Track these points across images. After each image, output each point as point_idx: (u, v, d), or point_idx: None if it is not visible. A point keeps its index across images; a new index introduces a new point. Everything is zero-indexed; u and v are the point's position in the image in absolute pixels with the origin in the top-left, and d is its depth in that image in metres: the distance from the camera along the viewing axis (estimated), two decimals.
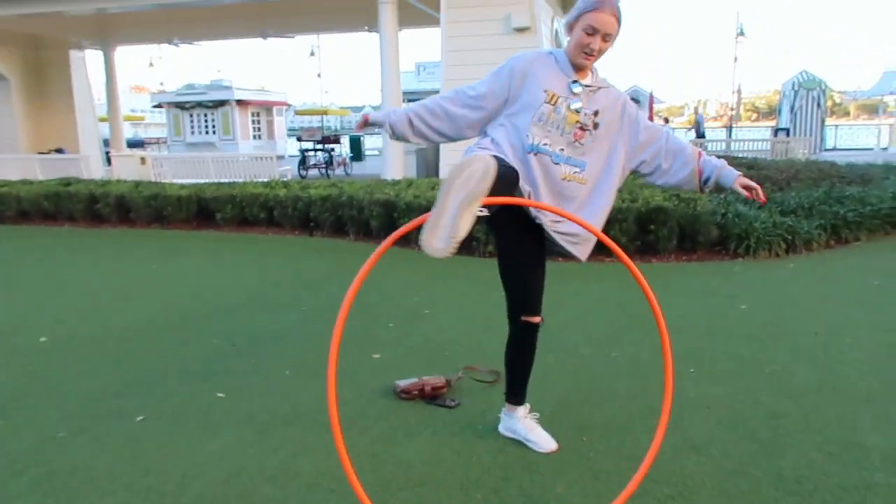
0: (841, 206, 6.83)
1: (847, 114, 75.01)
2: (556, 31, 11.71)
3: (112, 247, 7.62)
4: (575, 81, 2.33)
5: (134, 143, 24.94)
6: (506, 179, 2.10)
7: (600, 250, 6.42)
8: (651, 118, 24.85)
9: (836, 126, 27.89)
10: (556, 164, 2.34)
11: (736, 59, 24.30)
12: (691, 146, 2.50)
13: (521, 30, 9.65)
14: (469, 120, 2.46)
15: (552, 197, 2.37)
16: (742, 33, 24.20)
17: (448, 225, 1.89)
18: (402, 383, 3.12)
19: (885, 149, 21.97)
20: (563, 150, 2.33)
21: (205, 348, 3.88)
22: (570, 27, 2.32)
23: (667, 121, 24.44)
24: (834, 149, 22.92)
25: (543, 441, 2.62)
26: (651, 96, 25.48)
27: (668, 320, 4.24)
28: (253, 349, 3.85)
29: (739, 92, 25.97)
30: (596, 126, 2.35)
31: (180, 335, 4.15)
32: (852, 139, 26.02)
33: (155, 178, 11.95)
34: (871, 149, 22.88)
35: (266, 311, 4.69)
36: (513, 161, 2.29)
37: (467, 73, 9.80)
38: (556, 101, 2.30)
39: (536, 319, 2.51)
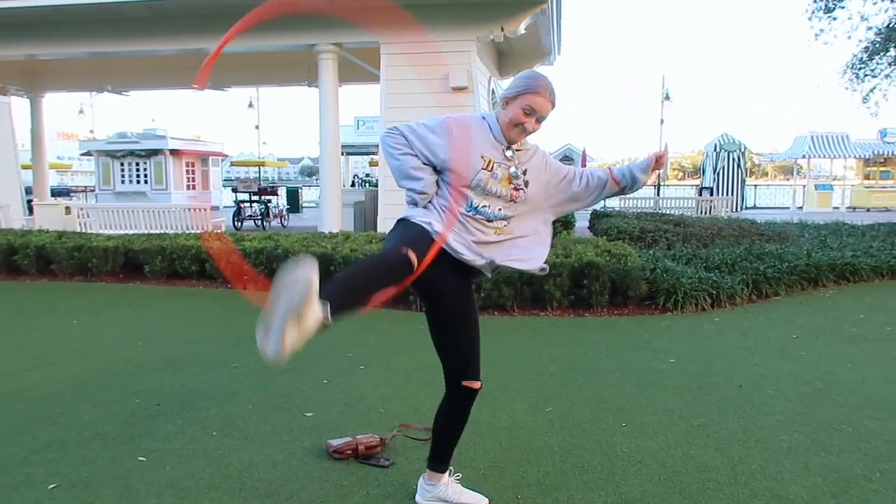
0: (761, 262, 7.18)
1: (765, 174, 79.56)
2: (493, 91, 12.08)
3: (30, 301, 7.24)
4: (508, 147, 2.40)
5: (59, 192, 24.05)
6: (424, 237, 2.20)
7: (535, 303, 6.48)
8: None
9: (756, 186, 29.49)
10: (491, 221, 2.38)
11: (662, 120, 25.53)
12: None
13: (459, 89, 9.91)
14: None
15: (489, 250, 2.39)
16: (668, 97, 25.51)
17: (275, 332, 1.81)
18: (335, 443, 3.04)
19: (800, 208, 23.35)
20: (500, 209, 2.39)
21: (126, 409, 3.69)
22: (507, 101, 2.37)
23: None
24: (754, 207, 24.20)
25: (476, 501, 2.58)
26: (584, 154, 26.43)
27: (601, 374, 4.32)
28: (178, 409, 3.68)
29: (666, 151, 27.13)
30: (527, 184, 2.43)
31: (100, 395, 3.94)
32: (771, 198, 27.54)
33: (80, 228, 11.51)
34: (787, 208, 24.27)
35: (194, 369, 4.52)
36: (445, 223, 2.30)
37: None
38: (492, 167, 2.34)
39: (477, 385, 2.45)
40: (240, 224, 15.67)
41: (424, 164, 2.32)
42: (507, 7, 9.86)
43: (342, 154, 19.47)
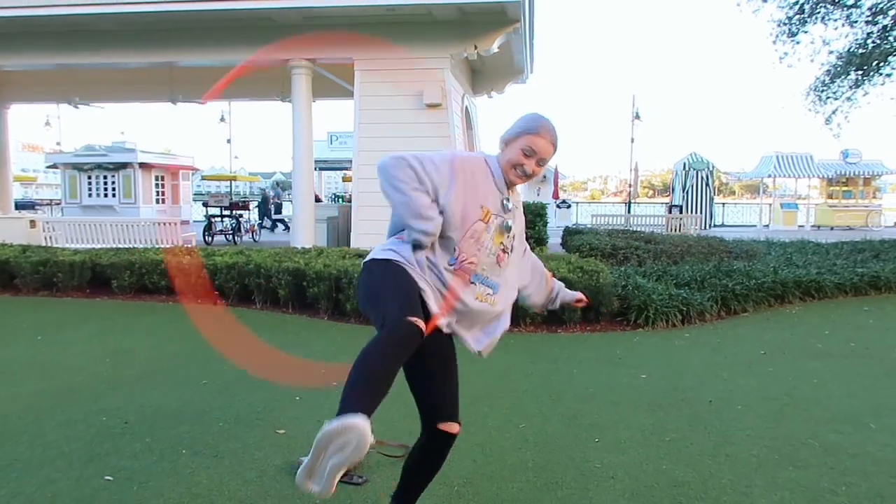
0: (729, 279, 7.30)
1: (733, 193, 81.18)
2: (466, 109, 12.18)
3: None
4: (507, 199, 2.23)
5: (24, 205, 23.54)
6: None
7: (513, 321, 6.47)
8: (556, 193, 25.98)
9: (724, 204, 30.05)
10: (473, 283, 2.19)
11: (633, 139, 25.95)
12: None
13: (432, 106, 9.98)
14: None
15: (458, 316, 2.22)
16: (638, 116, 25.95)
17: (322, 482, 1.77)
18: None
19: (766, 226, 23.85)
20: (483, 270, 2.20)
21: (92, 427, 3.61)
22: (506, 143, 2.22)
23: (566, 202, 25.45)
24: (722, 225, 24.65)
25: None
26: (556, 172, 26.71)
27: (574, 390, 4.34)
28: (146, 427, 3.61)
29: (636, 170, 27.63)
30: (512, 249, 2.28)
31: (65, 413, 3.85)
32: (738, 216, 28.07)
33: (46, 242, 11.28)
34: (754, 226, 24.76)
35: (162, 386, 4.43)
36: (420, 273, 2.13)
37: (380, 144, 10.02)
38: (489, 220, 2.17)
39: (455, 429, 2.28)
40: (210, 239, 15.49)
41: (433, 202, 2.11)
42: (481, 25, 9.98)
43: (315, 169, 19.42)
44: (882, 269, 8.50)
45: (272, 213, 21.38)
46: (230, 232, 16.16)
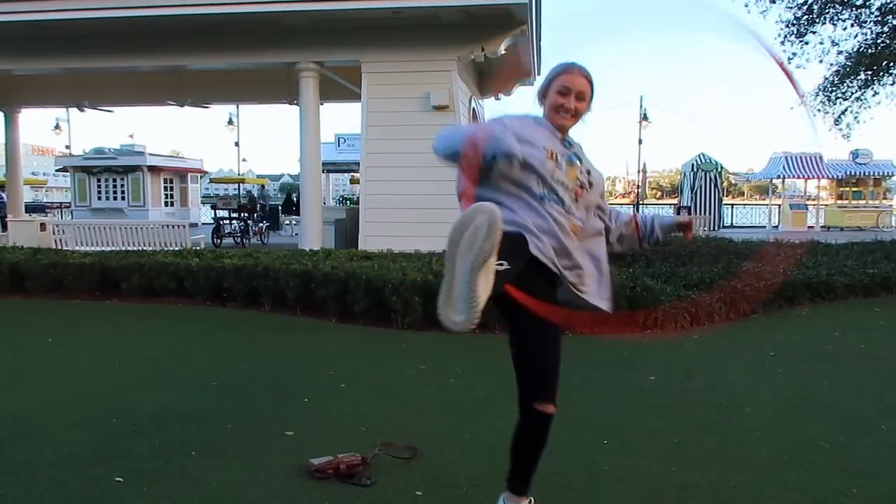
0: (739, 280, 7.27)
1: (742, 193, 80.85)
2: (474, 110, 12.18)
3: (2, 319, 7.11)
4: (564, 139, 2.31)
5: (34, 208, 23.71)
6: (512, 241, 1.91)
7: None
8: None
9: (733, 205, 29.93)
10: (568, 213, 2.22)
11: (641, 140, 25.90)
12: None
13: (440, 108, 9.98)
14: None
15: (564, 254, 2.19)
16: (646, 117, 25.89)
17: (463, 294, 1.68)
18: (316, 462, 3.01)
19: (776, 227, 23.71)
20: (569, 205, 2.24)
21: (101, 429, 3.62)
22: (543, 95, 2.32)
23: None
24: (731, 226, 24.52)
25: None
26: None
27: (582, 392, 4.32)
28: (155, 429, 3.62)
29: (645, 171, 27.57)
30: (590, 185, 2.32)
31: (74, 415, 3.86)
32: (747, 217, 27.94)
33: (56, 245, 11.35)
34: (763, 227, 24.63)
35: (172, 388, 4.45)
36: (523, 214, 2.13)
37: (387, 146, 10.05)
38: (556, 158, 2.21)
39: (551, 409, 2.25)
40: (219, 241, 15.55)
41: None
42: (488, 27, 9.98)
43: (323, 171, 19.45)
44: (893, 269, 8.43)
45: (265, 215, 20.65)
46: (239, 234, 16.22)
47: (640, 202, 26.41)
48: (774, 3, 13.29)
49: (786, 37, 13.80)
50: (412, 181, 9.86)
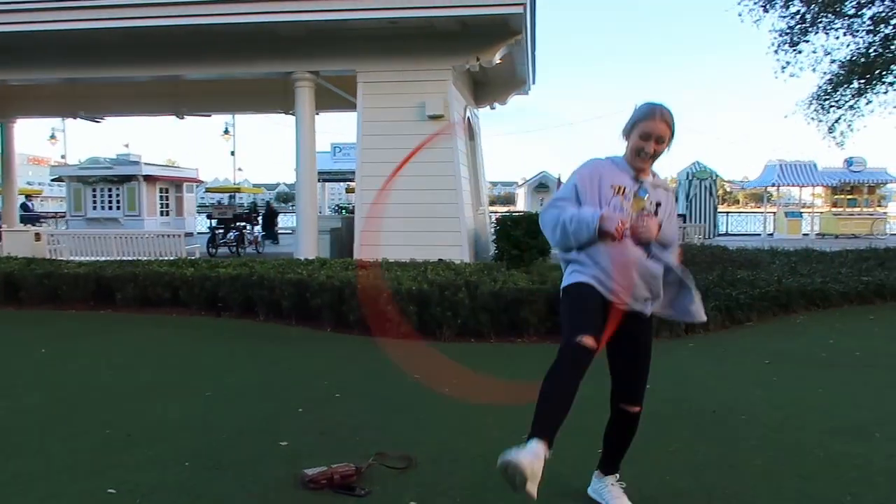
0: (734, 288, 7.28)
1: (737, 202, 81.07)
2: (469, 119, 12.21)
3: None
4: (635, 177, 2.59)
5: (29, 218, 23.63)
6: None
7: (512, 330, 6.44)
8: None
9: (728, 213, 30.00)
10: (638, 246, 2.53)
11: None
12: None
13: (435, 117, 10.01)
14: None
15: (625, 276, 2.53)
16: None
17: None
18: (310, 472, 3.00)
19: (771, 234, 23.80)
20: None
21: (95, 440, 3.61)
22: (626, 135, 2.59)
23: None
24: (726, 234, 24.57)
25: None
26: (559, 181, 26.72)
27: (577, 400, 4.30)
28: (149, 439, 3.61)
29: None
30: (655, 213, 2.60)
31: (69, 426, 3.85)
32: (742, 225, 28.00)
33: (50, 254, 11.32)
34: (758, 234, 24.70)
35: (166, 398, 4.44)
36: (597, 256, 2.52)
37: (382, 156, 10.06)
38: (623, 192, 2.54)
39: (635, 409, 2.74)
40: (214, 251, 15.52)
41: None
42: (483, 37, 10.03)
43: (319, 181, 19.47)
44: (887, 277, 8.46)
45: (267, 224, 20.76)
46: (234, 244, 16.19)
47: None
48: (767, 12, 13.37)
49: (779, 45, 13.88)
50: (407, 190, 9.88)
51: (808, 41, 13.76)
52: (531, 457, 2.12)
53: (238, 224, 17.02)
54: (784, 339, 6.30)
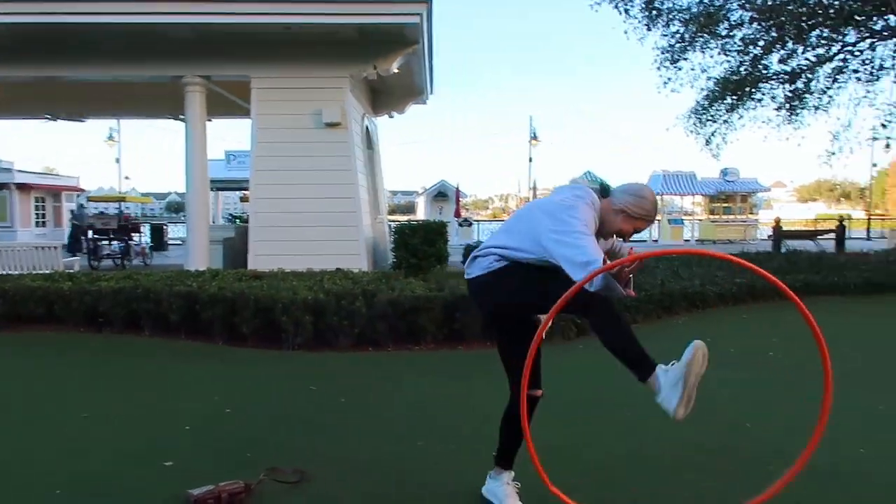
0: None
1: None
2: (367, 128, 12.16)
3: None
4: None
5: None
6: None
7: (409, 338, 6.38)
8: (458, 212, 26.33)
9: None
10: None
11: (531, 159, 26.77)
12: None
13: (332, 125, 9.89)
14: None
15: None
16: (535, 137, 26.82)
17: (691, 400, 2.38)
18: (196, 492, 2.86)
19: (655, 241, 25.13)
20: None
21: None
22: (623, 212, 2.68)
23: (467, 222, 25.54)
24: None
25: None
26: (458, 190, 27.10)
27: (480, 407, 4.36)
28: (18, 468, 3.32)
29: (535, 188, 28.51)
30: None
31: None
32: None
33: None
34: (644, 240, 26.02)
35: (38, 422, 4.11)
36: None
37: (278, 163, 9.84)
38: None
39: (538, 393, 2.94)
40: (97, 263, 14.60)
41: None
42: (380, 46, 10.02)
43: (212, 189, 18.76)
44: (757, 279, 9.13)
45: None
46: (118, 255, 15.31)
47: None
48: (650, 30, 14.17)
49: (661, 62, 14.72)
50: (303, 198, 9.70)
51: (686, 59, 14.68)
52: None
53: (122, 235, 16.10)
54: (667, 339, 6.64)
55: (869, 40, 13.68)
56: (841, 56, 14.13)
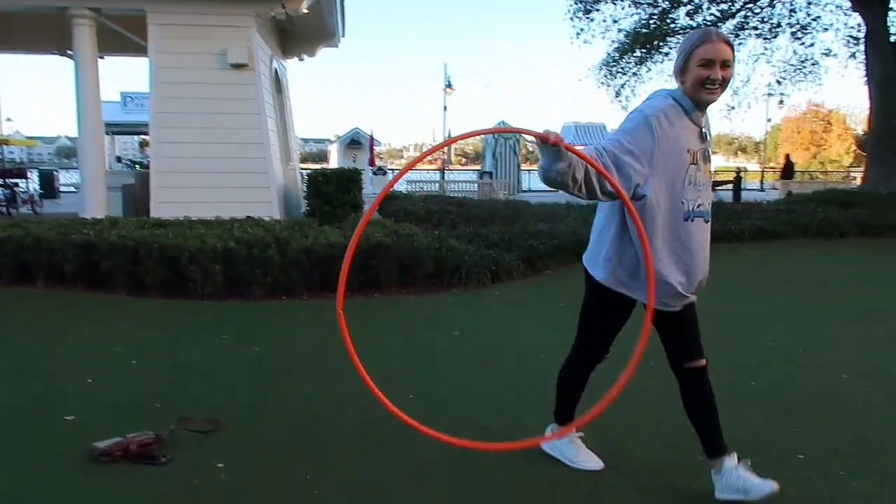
0: (535, 239, 7.78)
1: (538, 160, 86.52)
2: (276, 71, 11.66)
3: None
4: (703, 128, 2.28)
5: None
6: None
7: (324, 287, 6.32)
8: (372, 160, 25.97)
9: (530, 171, 31.93)
10: (707, 221, 2.34)
11: (446, 107, 26.60)
12: None
13: (238, 66, 9.41)
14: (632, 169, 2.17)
15: (702, 261, 2.36)
16: (450, 85, 26.59)
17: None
18: (102, 444, 2.74)
19: None
20: (700, 205, 2.29)
21: None
22: (681, 71, 2.23)
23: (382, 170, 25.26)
24: (529, 190, 26.18)
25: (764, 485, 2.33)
26: (371, 138, 26.68)
27: (390, 351, 4.38)
28: None
29: (450, 136, 28.42)
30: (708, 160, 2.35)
31: None
32: (535, 183, 29.96)
33: None
34: (556, 191, 26.63)
35: None
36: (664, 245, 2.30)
37: (179, 106, 9.31)
38: (696, 159, 2.24)
39: (702, 362, 2.46)
40: None
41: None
42: None
43: (107, 133, 17.60)
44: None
45: None
46: (4, 203, 14.22)
47: (446, 168, 27.23)
48: None
49: (574, 13, 14.85)
50: (209, 143, 9.25)
51: (599, 10, 14.86)
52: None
53: (8, 181, 14.93)
54: (577, 284, 6.80)
55: None
56: (742, 13, 14.68)
